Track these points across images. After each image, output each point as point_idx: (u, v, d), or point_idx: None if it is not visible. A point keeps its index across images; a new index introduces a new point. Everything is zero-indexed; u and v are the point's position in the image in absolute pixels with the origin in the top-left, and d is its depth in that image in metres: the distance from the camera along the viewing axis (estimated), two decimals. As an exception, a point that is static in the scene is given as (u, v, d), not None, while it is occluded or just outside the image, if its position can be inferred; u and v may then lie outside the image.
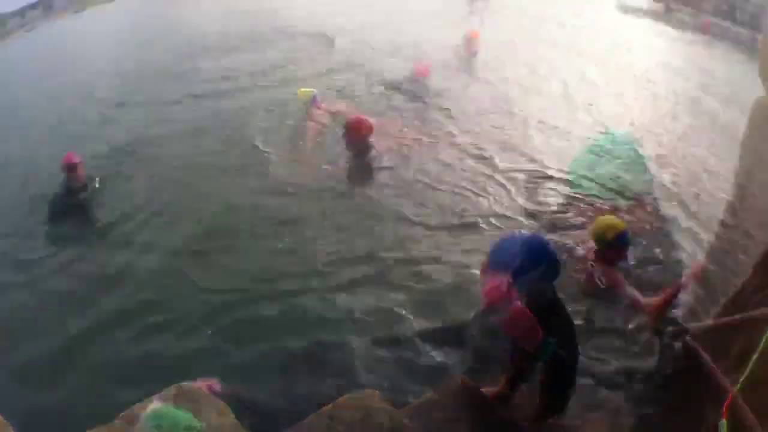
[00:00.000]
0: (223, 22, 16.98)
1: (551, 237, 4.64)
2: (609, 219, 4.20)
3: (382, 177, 5.68)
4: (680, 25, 28.43)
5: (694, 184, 6.47)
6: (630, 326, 3.67)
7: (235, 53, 12.74)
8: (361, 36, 13.92)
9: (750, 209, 3.16)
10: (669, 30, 24.38)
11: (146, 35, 16.93)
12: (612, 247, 3.98)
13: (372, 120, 5.93)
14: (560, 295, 2.55)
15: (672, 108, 10.02)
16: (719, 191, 6.31)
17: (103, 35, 21.62)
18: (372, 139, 5.78)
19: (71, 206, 5.40)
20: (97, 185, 5.83)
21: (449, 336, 3.31)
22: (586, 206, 5.20)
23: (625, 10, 31.61)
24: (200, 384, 2.60)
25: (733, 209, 4.11)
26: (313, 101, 6.49)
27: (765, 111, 3.39)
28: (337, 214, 4.88)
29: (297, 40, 14.03)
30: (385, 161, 5.81)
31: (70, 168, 5.40)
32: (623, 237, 3.95)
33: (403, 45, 12.98)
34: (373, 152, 5.79)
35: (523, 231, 2.23)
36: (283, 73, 10.84)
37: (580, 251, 4.22)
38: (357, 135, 5.64)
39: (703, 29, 30.59)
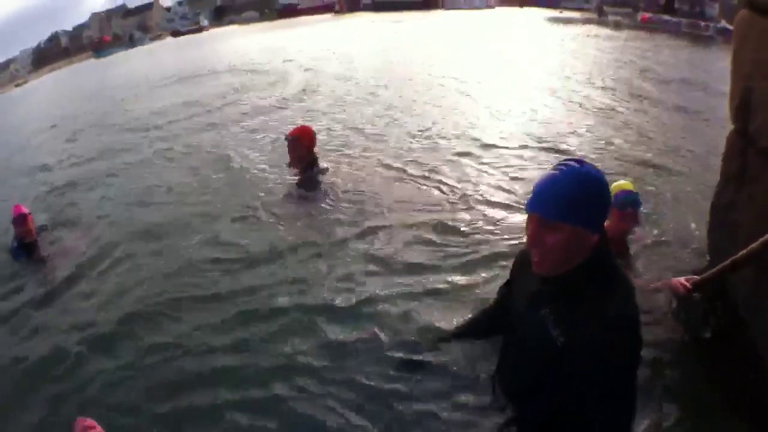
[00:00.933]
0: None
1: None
2: (619, 182, 3.69)
3: (337, 188, 5.03)
4: (616, 26, 29.49)
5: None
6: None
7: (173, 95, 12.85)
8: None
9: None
10: (606, 32, 24.76)
11: (87, 95, 16.68)
12: (614, 206, 3.46)
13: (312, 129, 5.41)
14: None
15: (613, 93, 9.96)
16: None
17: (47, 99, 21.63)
18: (316, 150, 5.26)
19: (28, 259, 4.81)
20: (49, 232, 5.23)
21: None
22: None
23: (556, 21, 32.64)
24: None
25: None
26: None
27: (747, 24, 3.08)
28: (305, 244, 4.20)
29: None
30: (331, 174, 5.24)
31: (19, 220, 4.81)
32: (621, 196, 3.41)
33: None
34: (320, 164, 5.21)
35: (566, 161, 1.57)
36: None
37: None
38: (302, 145, 5.07)
39: (642, 24, 31.91)
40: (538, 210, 1.67)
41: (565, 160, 1.72)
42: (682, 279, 3.03)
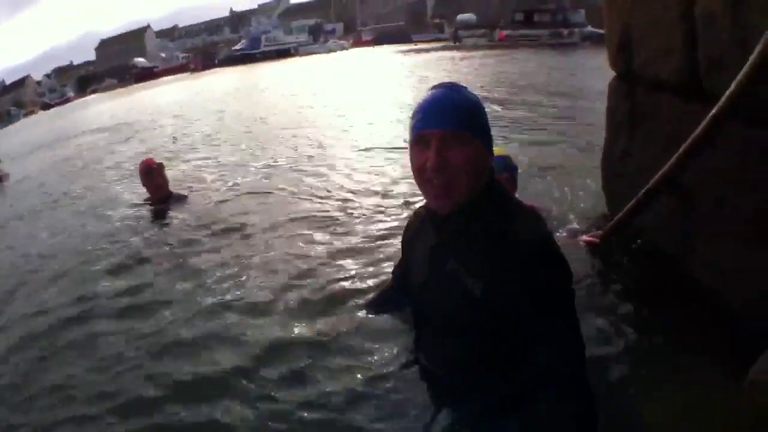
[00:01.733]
0: None
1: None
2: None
3: (200, 214, 4.59)
4: (473, 47, 30.99)
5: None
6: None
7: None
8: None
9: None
10: (462, 53, 26.01)
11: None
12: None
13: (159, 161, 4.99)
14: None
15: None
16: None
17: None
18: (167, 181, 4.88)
19: None
20: None
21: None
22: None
23: (410, 51, 33.33)
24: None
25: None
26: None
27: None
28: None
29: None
30: (191, 201, 4.90)
31: None
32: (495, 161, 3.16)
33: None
34: (174, 195, 4.91)
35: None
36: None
37: None
38: (160, 173, 4.84)
39: (500, 42, 33.23)
40: (441, 125, 1.40)
41: (438, 84, 1.52)
42: (585, 237, 2.90)
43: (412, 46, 39.04)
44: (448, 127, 1.38)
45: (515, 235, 1.38)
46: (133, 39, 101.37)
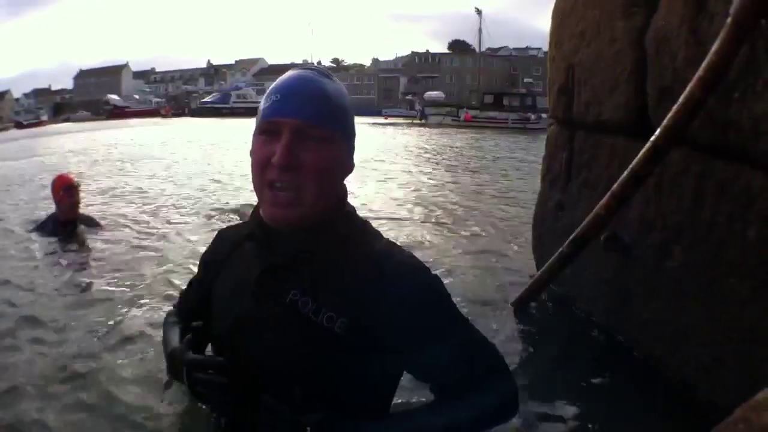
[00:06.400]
0: None
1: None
2: None
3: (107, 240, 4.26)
4: (438, 125, 31.51)
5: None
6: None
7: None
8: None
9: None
10: (425, 130, 26.66)
11: None
12: None
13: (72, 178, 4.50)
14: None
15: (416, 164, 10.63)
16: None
17: None
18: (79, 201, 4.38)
19: None
20: None
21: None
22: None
23: (377, 125, 33.88)
24: None
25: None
26: None
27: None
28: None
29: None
30: (98, 228, 4.47)
31: None
32: None
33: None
34: (84, 218, 4.46)
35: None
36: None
37: None
38: (78, 192, 4.32)
39: (466, 122, 33.62)
40: (299, 113, 1.05)
41: (303, 66, 1.22)
42: None
43: (382, 120, 39.54)
44: (307, 118, 1.05)
45: (382, 258, 1.12)
46: (111, 74, 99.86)
